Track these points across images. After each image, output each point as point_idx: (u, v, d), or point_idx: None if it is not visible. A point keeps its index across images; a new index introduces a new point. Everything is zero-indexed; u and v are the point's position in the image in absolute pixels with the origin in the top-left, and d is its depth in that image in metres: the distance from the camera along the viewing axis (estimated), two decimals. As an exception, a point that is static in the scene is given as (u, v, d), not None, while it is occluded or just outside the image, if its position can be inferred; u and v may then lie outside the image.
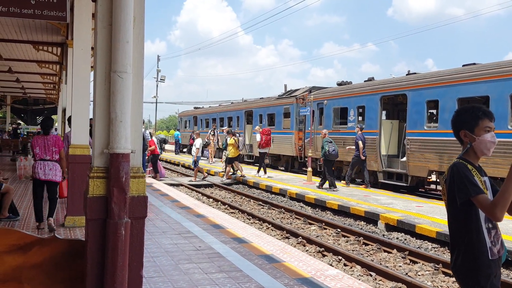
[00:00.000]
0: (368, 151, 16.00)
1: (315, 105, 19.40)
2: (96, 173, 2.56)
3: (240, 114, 28.18)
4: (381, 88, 15.96)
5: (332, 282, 5.21)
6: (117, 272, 2.45)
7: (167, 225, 8.00)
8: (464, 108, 2.78)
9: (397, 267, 7.58)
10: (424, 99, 13.89)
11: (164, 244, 6.62)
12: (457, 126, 2.76)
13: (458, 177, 2.56)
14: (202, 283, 4.95)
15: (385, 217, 10.27)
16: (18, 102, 35.44)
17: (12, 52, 14.47)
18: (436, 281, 6.96)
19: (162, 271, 5.35)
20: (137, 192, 2.60)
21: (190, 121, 38.16)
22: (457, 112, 2.81)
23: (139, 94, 2.70)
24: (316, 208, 12.73)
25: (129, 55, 2.56)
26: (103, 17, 2.58)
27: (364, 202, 12.05)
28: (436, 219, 9.88)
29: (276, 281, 5.10)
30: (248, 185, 17.35)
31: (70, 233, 7.12)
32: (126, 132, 2.55)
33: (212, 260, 5.89)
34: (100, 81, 2.62)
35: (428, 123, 14.01)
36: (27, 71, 18.36)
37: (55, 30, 10.99)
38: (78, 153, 7.47)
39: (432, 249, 8.62)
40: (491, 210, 2.44)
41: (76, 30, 7.62)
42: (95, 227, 2.52)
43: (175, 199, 11.36)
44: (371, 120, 16.20)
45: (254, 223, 10.88)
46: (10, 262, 2.54)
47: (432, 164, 13.39)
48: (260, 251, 6.47)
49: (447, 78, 13.20)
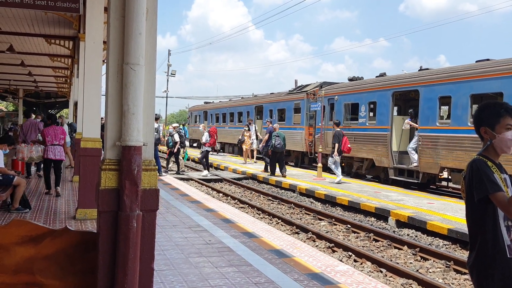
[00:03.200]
0: (379, 147, 15.91)
1: (326, 101, 19.31)
2: (108, 165, 2.56)
3: (250, 109, 28.15)
4: (393, 84, 15.83)
5: (342, 278, 5.19)
6: (129, 264, 2.45)
7: (177, 219, 8.02)
8: (486, 104, 2.71)
9: (407, 264, 7.53)
10: (437, 95, 13.76)
11: (174, 238, 6.64)
12: (478, 122, 2.69)
13: (477, 174, 2.51)
14: (212, 277, 4.95)
15: (395, 214, 10.21)
16: (30, 96, 35.71)
17: (25, 45, 14.57)
18: (447, 278, 6.90)
19: (172, 264, 5.36)
20: (149, 185, 2.60)
21: (200, 115, 38.22)
22: (479, 108, 2.75)
23: (152, 86, 2.69)
24: (326, 204, 12.69)
25: (141, 47, 2.54)
26: (116, 9, 2.57)
27: (375, 198, 11.99)
28: (447, 216, 9.80)
29: (286, 276, 5.09)
30: (258, 180, 17.34)
31: (82, 225, 7.16)
32: (138, 125, 2.54)
33: (222, 254, 5.89)
34: (113, 73, 2.61)
35: (440, 120, 13.89)
36: (39, 64, 18.48)
37: (67, 24, 11.03)
38: (89, 146, 7.51)
39: (443, 246, 8.55)
40: (509, 208, 2.40)
41: (88, 23, 7.63)
42: (107, 219, 2.51)
43: (185, 193, 11.40)
44: (382, 116, 16.08)
45: (264, 218, 10.88)
46: (22, 253, 2.55)
47: (444, 161, 13.27)
48: (270, 246, 6.47)
49: (460, 74, 13.05)
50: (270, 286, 4.75)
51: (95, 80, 7.66)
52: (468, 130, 12.16)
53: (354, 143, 17.36)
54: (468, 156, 11.00)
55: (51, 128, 9.81)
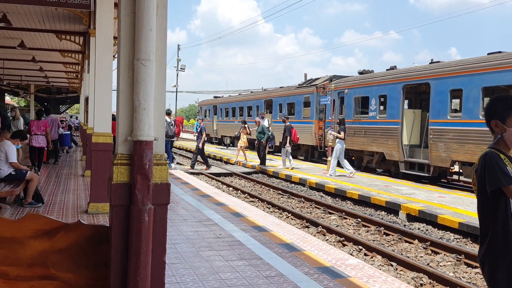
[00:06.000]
0: (390, 140, 15.84)
1: (335, 94, 19.23)
2: (120, 160, 2.58)
3: (259, 103, 28.12)
4: (403, 77, 15.72)
5: (353, 272, 5.20)
6: (141, 257, 2.48)
7: (188, 213, 8.07)
8: (498, 97, 2.70)
9: (418, 258, 7.52)
10: (448, 88, 13.65)
11: (185, 232, 6.69)
12: (489, 115, 2.68)
13: (490, 166, 2.50)
14: (223, 270, 4.99)
15: (406, 207, 10.17)
16: (42, 91, 35.98)
17: (36, 41, 14.69)
18: (458, 272, 6.89)
19: (183, 257, 5.41)
20: (160, 179, 2.62)
21: (210, 110, 38.26)
22: (490, 101, 2.74)
23: (162, 81, 2.70)
24: (336, 198, 12.68)
25: (152, 42, 2.56)
26: (126, 5, 2.58)
27: (385, 192, 11.96)
28: (458, 210, 9.75)
29: (296, 269, 5.11)
30: (268, 175, 17.37)
31: (94, 219, 7.24)
32: (149, 120, 2.56)
33: (233, 247, 5.93)
34: (124, 69, 2.63)
35: (451, 113, 13.78)
36: (50, 60, 18.63)
37: (78, 19, 11.10)
38: (101, 141, 7.56)
39: (454, 240, 8.52)
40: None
41: (99, 19, 7.67)
42: (119, 213, 2.54)
43: (195, 188, 11.45)
44: (393, 109, 15.99)
45: (274, 212, 10.90)
46: (36, 247, 2.59)
47: (455, 154, 13.18)
48: (280, 239, 6.49)
49: (472, 67, 12.93)
50: (281, 279, 4.77)
51: (106, 75, 7.70)
52: (479, 123, 12.05)
53: (364, 137, 17.30)
54: (480, 149, 10.90)
55: (36, 121, 12.53)
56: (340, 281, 4.83)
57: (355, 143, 17.92)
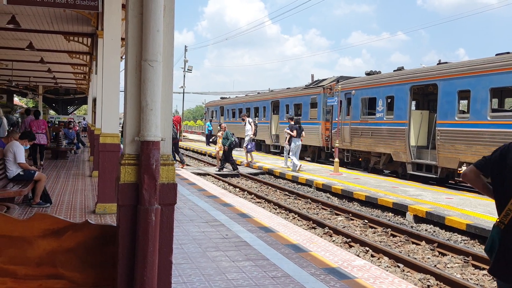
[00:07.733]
0: (397, 141, 15.79)
1: (342, 95, 19.19)
2: (127, 160, 2.60)
3: (266, 105, 28.13)
4: (410, 78, 15.67)
5: (359, 273, 5.19)
6: (148, 257, 2.50)
7: (195, 213, 8.09)
8: None
9: (425, 259, 7.49)
10: (456, 89, 13.58)
11: (191, 232, 6.70)
12: None
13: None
14: (229, 271, 5.00)
15: (413, 209, 10.13)
16: (50, 92, 36.24)
17: (44, 42, 14.80)
18: (465, 273, 6.85)
19: (190, 258, 5.42)
20: (167, 179, 2.63)
21: (217, 111, 38.30)
22: None
23: (169, 82, 2.72)
24: (343, 199, 12.66)
25: (159, 44, 2.57)
26: (134, 6, 2.60)
27: (392, 194, 11.91)
28: (466, 211, 9.70)
29: (302, 270, 5.11)
30: (274, 175, 17.36)
31: (101, 219, 7.28)
32: (157, 120, 2.57)
33: (239, 248, 5.94)
34: (131, 70, 2.65)
35: (459, 114, 13.71)
36: (58, 61, 18.76)
37: (85, 21, 11.18)
38: (108, 141, 7.60)
39: (461, 242, 8.48)
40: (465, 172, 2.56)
41: (106, 20, 7.71)
42: (127, 213, 2.56)
43: (202, 188, 11.48)
44: (400, 110, 15.94)
45: (281, 213, 10.90)
46: (44, 246, 2.61)
47: (463, 156, 13.11)
48: (287, 240, 6.49)
49: (480, 68, 12.85)
50: (287, 280, 4.77)
51: (114, 76, 7.74)
52: (487, 124, 11.98)
53: (371, 138, 17.26)
54: (488, 150, 10.84)
55: (35, 121, 13.95)
56: (346, 282, 4.82)
57: (362, 144, 17.88)
